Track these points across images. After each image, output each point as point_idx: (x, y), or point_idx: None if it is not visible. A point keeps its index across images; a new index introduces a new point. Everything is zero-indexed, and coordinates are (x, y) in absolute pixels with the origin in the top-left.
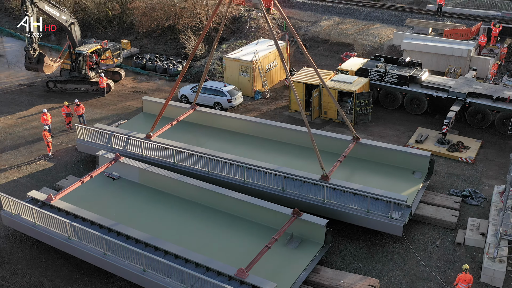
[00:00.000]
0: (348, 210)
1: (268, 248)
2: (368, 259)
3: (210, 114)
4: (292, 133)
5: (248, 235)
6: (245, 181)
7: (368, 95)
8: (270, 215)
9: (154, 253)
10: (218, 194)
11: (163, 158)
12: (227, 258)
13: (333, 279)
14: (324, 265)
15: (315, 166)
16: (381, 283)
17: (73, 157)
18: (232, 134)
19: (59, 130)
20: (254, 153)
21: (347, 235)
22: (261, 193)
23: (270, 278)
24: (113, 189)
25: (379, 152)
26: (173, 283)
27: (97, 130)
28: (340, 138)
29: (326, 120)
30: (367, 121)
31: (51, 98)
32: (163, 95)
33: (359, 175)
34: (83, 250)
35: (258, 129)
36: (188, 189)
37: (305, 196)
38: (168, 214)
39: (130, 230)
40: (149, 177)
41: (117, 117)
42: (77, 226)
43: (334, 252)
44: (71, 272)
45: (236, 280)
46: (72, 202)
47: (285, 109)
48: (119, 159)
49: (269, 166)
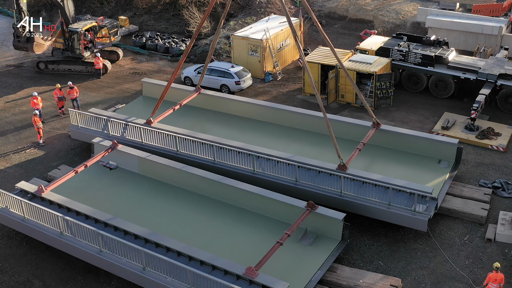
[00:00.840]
0: (367, 203)
1: (280, 244)
2: (389, 257)
3: (216, 97)
4: (306, 118)
5: (258, 230)
6: (254, 171)
7: (389, 76)
8: (282, 208)
9: (155, 250)
10: (225, 186)
11: (165, 146)
12: (235, 255)
13: (351, 279)
14: (342, 263)
15: (332, 155)
16: (403, 282)
17: (66, 145)
18: (241, 120)
19: (50, 115)
20: (265, 140)
21: (367, 230)
22: (272, 184)
23: (282, 277)
24: (110, 180)
25: (402, 139)
26: (176, 283)
27: (92, 115)
28: (359, 124)
29: (343, 104)
30: (389, 105)
31: (42, 80)
32: (165, 77)
33: (379, 165)
34: (77, 246)
35: (269, 114)
36: (192, 180)
37: (320, 188)
38: (170, 207)
39: (128, 225)
40: (150, 166)
41: (114, 101)
42: (70, 220)
43: (352, 249)
44: (63, 271)
45: (245, 280)
46: (65, 194)
47: (298, 92)
48: (117, 147)
49: (281, 154)
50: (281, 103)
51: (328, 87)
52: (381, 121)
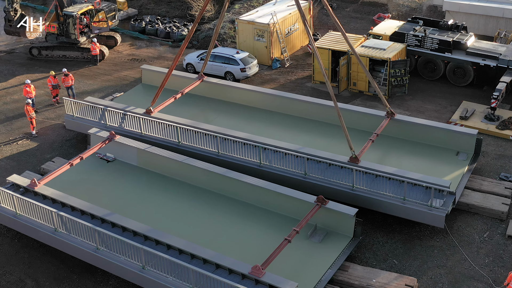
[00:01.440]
0: (381, 198)
1: (288, 242)
2: (404, 255)
3: (220, 85)
4: (315, 107)
5: (264, 227)
6: (261, 163)
7: (404, 63)
8: (290, 203)
9: (155, 247)
10: (229, 179)
11: (166, 137)
12: (240, 253)
13: (363, 278)
14: (354, 261)
15: (343, 146)
16: (419, 282)
17: (60, 136)
18: (246, 109)
19: (44, 105)
20: (272, 131)
21: (380, 226)
22: (280, 178)
23: (290, 276)
24: (107, 173)
25: (418, 129)
26: (177, 283)
27: (88, 105)
28: (372, 114)
29: (355, 92)
30: (404, 94)
31: (35, 67)
32: (166, 64)
33: (394, 157)
34: (72, 244)
35: (276, 103)
36: (195, 173)
37: (331, 181)
38: (171, 202)
39: (127, 221)
40: (149, 159)
41: (112, 89)
42: (65, 216)
43: (365, 247)
44: (58, 270)
45: (251, 279)
46: (59, 188)
47: (307, 80)
48: (114, 138)
49: (289, 146)
50: (289, 92)
51: (339, 75)
52: (395, 110)
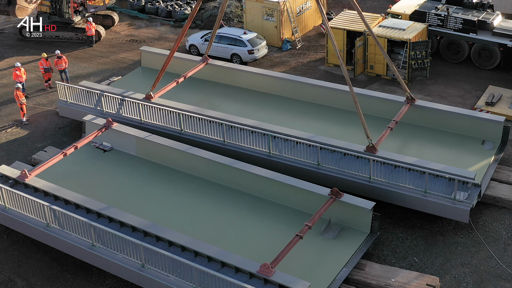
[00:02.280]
0: (400, 190)
1: (299, 238)
2: (425, 252)
3: (226, 69)
4: (329, 93)
5: (274, 222)
6: (270, 153)
7: (425, 44)
8: (302, 196)
9: (156, 244)
10: (236, 170)
11: (167, 124)
12: (248, 250)
13: (381, 277)
14: (371, 259)
15: (359, 135)
16: (442, 282)
17: (53, 123)
18: (254, 94)
19: (35, 89)
20: (282, 118)
21: (400, 221)
22: (291, 169)
23: (302, 275)
24: (104, 164)
25: (440, 116)
26: (180, 282)
27: (83, 89)
28: (390, 100)
29: (372, 76)
30: (425, 78)
31: (25, 49)
32: (167, 45)
33: (414, 146)
34: (66, 240)
35: (287, 88)
36: (199, 164)
37: (346, 173)
38: (173, 195)
39: (125, 216)
40: (149, 148)
41: (109, 73)
42: (58, 210)
43: (383, 243)
44: (50, 268)
45: (259, 279)
46: (52, 180)
47: (321, 63)
48: (112, 126)
49: (301, 134)
50: (301, 75)
51: (355, 57)
52: (416, 95)
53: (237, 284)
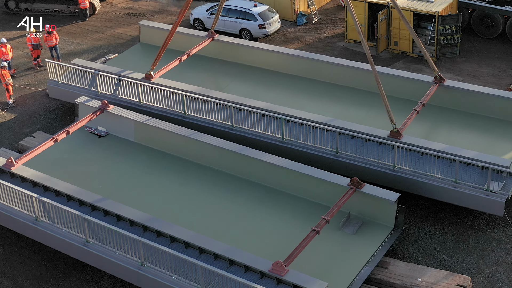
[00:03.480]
0: (427, 180)
1: (316, 233)
2: (456, 249)
3: (235, 45)
4: (349, 72)
5: (287, 215)
6: (283, 139)
7: (455, 18)
8: (319, 186)
9: (156, 240)
10: (245, 158)
11: (169, 107)
12: (259, 247)
13: (407, 277)
14: (395, 257)
15: (382, 118)
16: (474, 281)
17: (42, 106)
18: (266, 74)
19: (23, 68)
20: (297, 99)
21: (427, 215)
22: (306, 156)
23: (318, 275)
24: (99, 151)
25: (471, 98)
26: (183, 282)
27: (76, 68)
28: (416, 79)
29: (397, 53)
30: (455, 55)
31: (11, 24)
32: (169, 19)
33: (443, 131)
34: (57, 236)
35: (302, 67)
36: (204, 151)
37: (367, 161)
38: (175, 186)
39: (122, 208)
40: (149, 133)
41: (104, 50)
42: (48, 202)
43: (409, 239)
44: (40, 267)
45: (271, 278)
46: (41, 168)
47: (339, 39)
48: (107, 109)
49: (317, 118)
50: (318, 53)
51: (378, 32)
52: (445, 75)
53: (246, 284)
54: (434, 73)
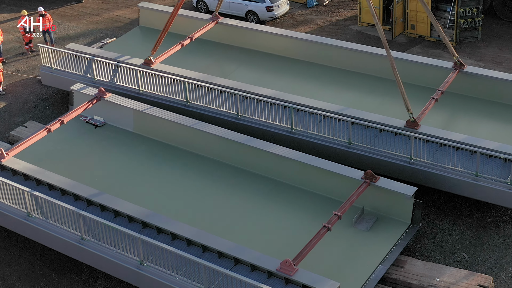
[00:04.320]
0: (446, 173)
1: (327, 229)
2: (477, 247)
3: (241, 29)
4: (363, 57)
5: (297, 211)
6: (292, 129)
7: (477, 0)
8: (330, 180)
9: (157, 237)
10: (251, 149)
11: (170, 95)
12: (266, 245)
13: (424, 276)
14: (412, 255)
15: (398, 107)
16: (496, 281)
17: (35, 94)
18: (274, 59)
19: (14, 53)
20: (307, 87)
21: (446, 210)
22: (317, 148)
23: (330, 274)
24: (95, 142)
25: (493, 85)
26: (185, 282)
27: (71, 53)
28: (435, 65)
29: (414, 38)
30: (476, 40)
31: (1, 6)
32: (170, 1)
33: (463, 120)
34: (50, 233)
35: (312, 52)
36: (208, 142)
37: (382, 152)
38: (177, 180)
39: (120, 203)
40: (149, 123)
41: (101, 34)
42: (41, 196)
43: (426, 236)
44: (32, 266)
45: (280, 278)
46: (33, 161)
47: (353, 22)
48: (104, 97)
49: (328, 106)
50: (329, 37)
51: (393, 15)
52: (465, 60)
53: (253, 285)
54: (453, 59)
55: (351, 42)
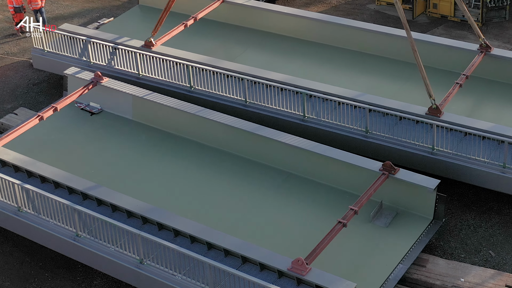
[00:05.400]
0: (471, 164)
1: (342, 226)
2: (504, 244)
3: (249, 8)
4: (381, 39)
5: (309, 205)
6: (305, 117)
7: None
8: (346, 172)
9: (158, 234)
10: (261, 139)
11: (173, 80)
12: (277, 242)
13: (448, 276)
14: (434, 253)
15: (419, 93)
16: None
17: (26, 78)
18: (284, 41)
19: (3, 34)
20: (320, 71)
21: (471, 204)
22: (331, 137)
23: (346, 274)
24: (92, 130)
25: None
26: (188, 283)
27: (65, 35)
28: (459, 48)
29: (436, 18)
30: (503, 20)
31: None
32: None
33: (489, 107)
34: (43, 229)
35: (326, 33)
36: (213, 130)
37: (402, 142)
38: (180, 171)
39: (119, 197)
40: (150, 110)
41: (97, 13)
42: (32, 190)
43: (450, 233)
44: (23, 265)
45: (291, 278)
46: (24, 151)
47: (370, 0)
48: (101, 82)
49: (344, 92)
50: (345, 17)
51: None
52: (492, 42)
53: (262, 285)
54: (479, 41)
55: (368, 22)
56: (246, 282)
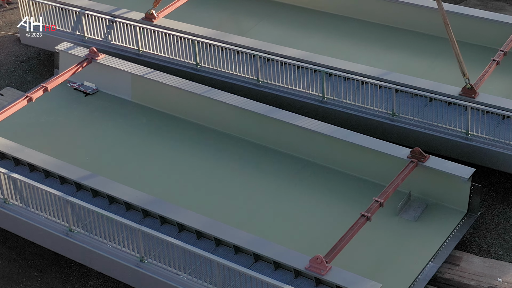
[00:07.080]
0: (510, 151)
1: (366, 219)
2: None
3: None
4: (408, 11)
5: (329, 197)
6: (324, 98)
7: None
8: (370, 159)
9: (160, 229)
10: (274, 122)
11: (176, 56)
12: (293, 238)
13: (483, 276)
14: (468, 250)
15: (452, 71)
16: None
17: (12, 55)
18: (300, 13)
19: None
20: (341, 47)
21: (509, 196)
22: (353, 120)
23: (370, 274)
24: (86, 113)
25: None
26: (194, 283)
27: (56, 6)
28: (496, 21)
29: None
30: None
31: None
32: None
33: None
34: (32, 223)
35: (348, 4)
36: (221, 113)
37: (432, 126)
38: (184, 158)
39: (116, 187)
40: (151, 90)
41: None
42: (20, 179)
43: (486, 228)
44: (9, 263)
45: (309, 278)
46: (11, 136)
47: None
48: (97, 59)
49: (367, 70)
50: None
51: None
52: None
53: (277, 286)
54: None
55: None
56: (258, 282)
